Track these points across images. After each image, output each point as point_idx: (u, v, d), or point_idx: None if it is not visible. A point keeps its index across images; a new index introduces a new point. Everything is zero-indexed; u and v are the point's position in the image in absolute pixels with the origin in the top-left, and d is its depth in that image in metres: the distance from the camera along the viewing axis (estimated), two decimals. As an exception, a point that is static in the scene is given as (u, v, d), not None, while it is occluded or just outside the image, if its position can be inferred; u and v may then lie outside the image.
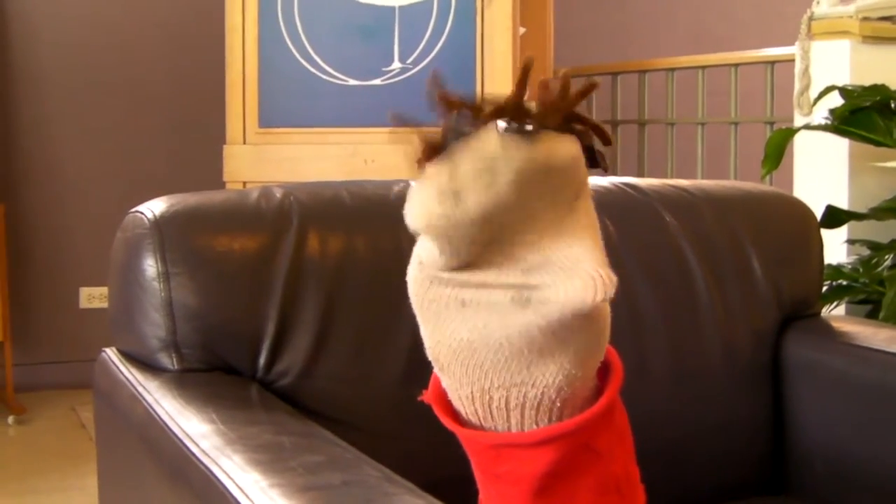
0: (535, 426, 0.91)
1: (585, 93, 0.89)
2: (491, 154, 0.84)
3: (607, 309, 0.92)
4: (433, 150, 0.86)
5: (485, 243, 0.85)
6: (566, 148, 0.87)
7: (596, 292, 0.82)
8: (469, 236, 0.85)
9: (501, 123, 0.85)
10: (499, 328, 0.86)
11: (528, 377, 0.89)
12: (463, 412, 0.94)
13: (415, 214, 0.85)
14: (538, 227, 0.86)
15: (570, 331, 0.86)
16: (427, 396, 0.98)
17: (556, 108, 0.87)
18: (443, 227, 0.84)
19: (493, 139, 0.84)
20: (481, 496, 1.01)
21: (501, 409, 0.91)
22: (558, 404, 0.90)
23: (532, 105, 0.87)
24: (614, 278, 0.83)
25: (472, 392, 0.91)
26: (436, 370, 0.94)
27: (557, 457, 0.92)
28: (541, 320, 0.85)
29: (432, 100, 0.86)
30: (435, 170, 0.85)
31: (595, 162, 0.91)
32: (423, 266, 0.89)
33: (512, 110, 0.86)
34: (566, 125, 0.88)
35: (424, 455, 1.39)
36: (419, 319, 0.92)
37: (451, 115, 0.87)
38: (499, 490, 0.97)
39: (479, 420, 0.93)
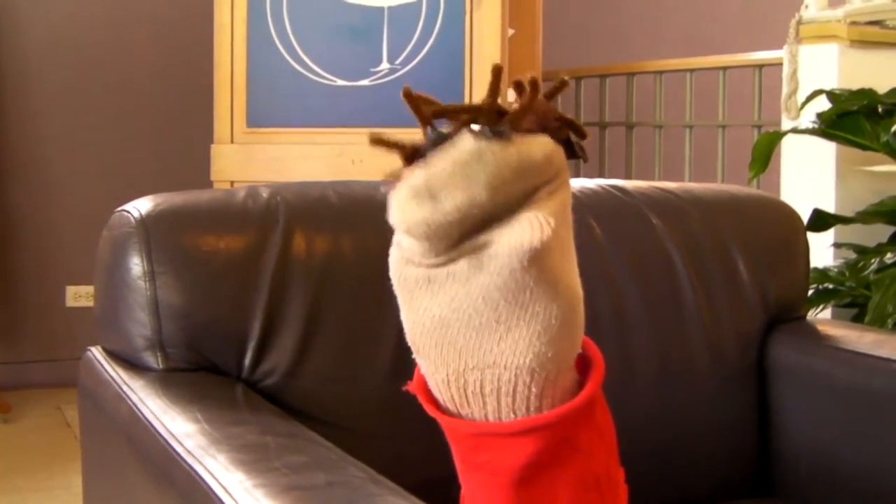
0: (512, 415, 0.92)
1: (555, 92, 0.93)
2: (465, 157, 0.87)
3: (576, 284, 0.93)
4: (413, 156, 0.90)
5: (462, 236, 0.88)
6: (539, 147, 0.90)
7: (533, 233, 0.86)
8: (447, 235, 0.88)
9: (475, 127, 0.88)
10: (465, 298, 0.89)
11: (500, 356, 0.90)
12: (440, 399, 0.95)
13: (395, 217, 0.89)
14: (506, 211, 0.89)
15: (527, 291, 0.88)
16: (412, 386, 0.99)
17: (527, 110, 0.90)
18: (422, 229, 0.87)
19: (467, 143, 0.87)
20: (463, 490, 1.01)
21: (477, 395, 0.92)
22: (534, 391, 0.91)
23: (508, 107, 0.90)
24: (552, 222, 0.87)
25: (447, 375, 0.93)
26: (414, 354, 0.95)
27: (537, 449, 0.93)
28: (496, 278, 0.88)
29: (412, 109, 0.90)
30: (413, 174, 0.88)
31: (573, 153, 0.94)
32: (401, 248, 0.91)
33: (486, 114, 0.89)
34: (540, 124, 0.90)
35: (411, 456, 1.39)
36: (399, 301, 0.94)
37: (428, 123, 0.90)
38: (478, 480, 0.98)
39: (457, 407, 0.94)
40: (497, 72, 0.90)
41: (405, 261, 0.91)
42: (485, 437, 0.94)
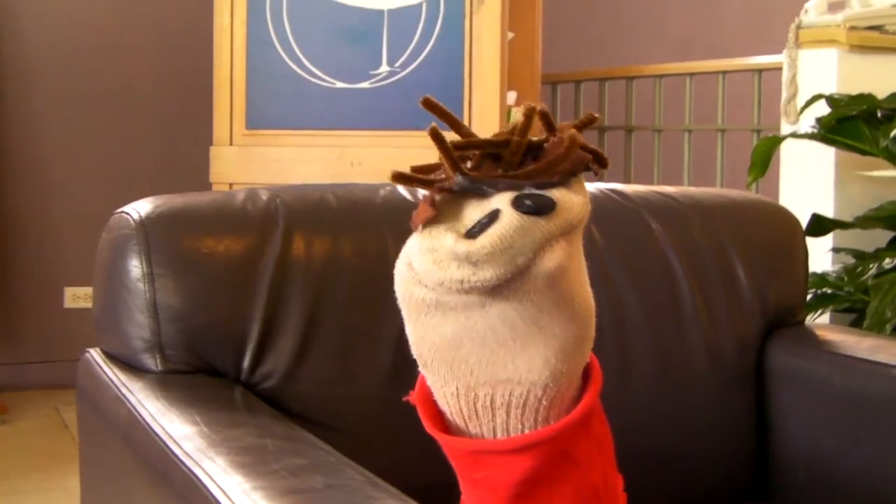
0: (520, 426, 0.91)
1: (585, 124, 0.92)
2: (510, 236, 0.85)
3: (590, 301, 0.93)
4: (445, 199, 0.88)
5: None
6: (579, 204, 0.89)
7: (551, 257, 0.86)
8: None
9: (518, 201, 0.86)
10: (480, 319, 0.88)
11: (514, 373, 0.89)
12: (448, 411, 0.94)
13: (430, 272, 0.87)
14: None
15: (544, 312, 0.87)
16: (413, 397, 0.98)
17: (565, 159, 0.88)
18: (457, 287, 0.86)
19: (511, 221, 0.85)
20: (463, 498, 1.01)
21: (487, 408, 0.91)
22: (545, 403, 0.90)
23: (546, 150, 0.88)
24: (566, 246, 0.87)
25: (456, 389, 0.92)
26: (420, 367, 0.95)
27: (535, 464, 0.92)
28: (514, 302, 0.87)
29: (440, 150, 0.87)
30: (454, 238, 0.86)
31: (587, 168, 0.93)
32: (412, 269, 0.89)
33: (513, 152, 0.88)
34: (571, 163, 0.89)
35: (410, 459, 1.39)
36: (404, 315, 0.92)
37: (457, 168, 0.88)
38: (477, 495, 0.97)
39: (464, 419, 0.93)
40: (529, 114, 0.88)
41: (415, 281, 0.90)
42: (482, 455, 0.94)
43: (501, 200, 0.87)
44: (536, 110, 0.88)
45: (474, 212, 0.87)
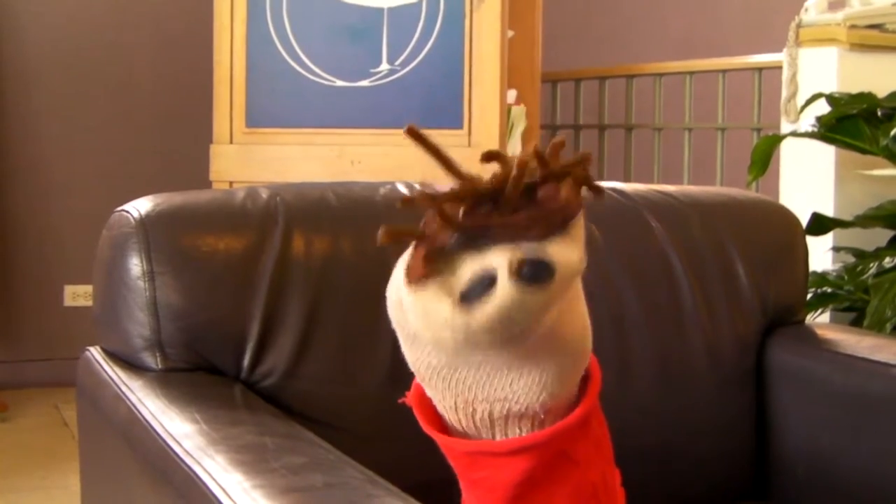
0: (518, 431, 0.92)
1: (580, 164, 0.88)
2: (507, 309, 0.83)
3: (584, 320, 0.92)
4: (438, 254, 0.86)
5: None
6: (577, 254, 0.87)
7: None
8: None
9: (517, 269, 0.84)
10: (475, 351, 0.87)
11: (511, 394, 0.89)
12: (447, 419, 0.94)
13: (422, 334, 0.87)
14: None
15: (538, 350, 0.87)
16: (409, 399, 0.98)
17: (561, 210, 0.86)
18: (450, 345, 0.85)
19: (507, 295, 0.83)
20: (463, 497, 1.01)
21: (485, 420, 0.92)
22: (541, 415, 0.91)
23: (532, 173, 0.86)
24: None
25: (455, 403, 0.92)
26: (418, 380, 0.95)
27: (532, 465, 0.92)
28: (510, 346, 0.86)
29: (438, 213, 0.85)
30: (449, 308, 0.84)
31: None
32: (399, 292, 0.88)
33: (509, 197, 0.85)
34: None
35: (409, 457, 1.39)
36: (398, 336, 0.92)
37: (456, 229, 0.86)
38: (476, 495, 0.97)
39: (464, 428, 0.94)
40: (523, 165, 0.84)
41: (408, 318, 0.88)
42: (479, 456, 0.94)
43: (499, 259, 0.84)
44: (533, 155, 0.86)
45: (469, 266, 0.85)
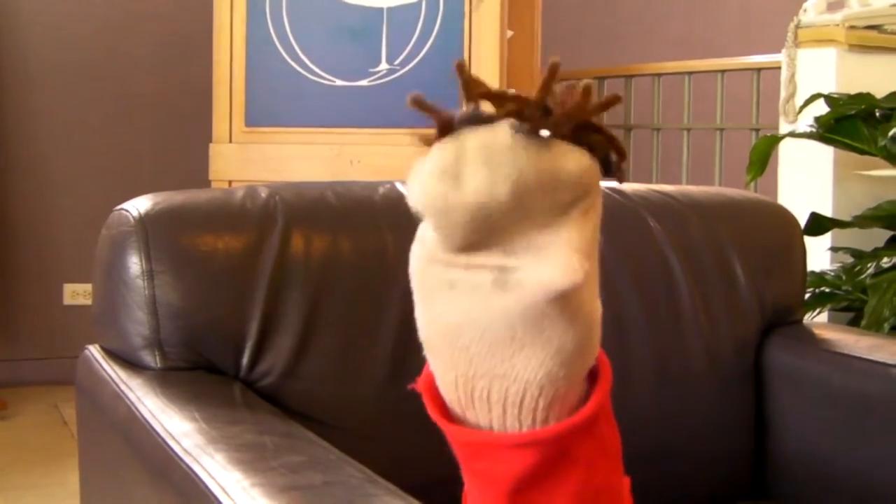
0: (517, 424, 0.92)
1: (606, 105, 0.88)
2: (498, 149, 0.84)
3: (596, 308, 0.92)
4: (445, 131, 0.86)
5: (479, 239, 0.86)
6: (574, 161, 0.86)
7: (565, 277, 0.83)
8: (462, 224, 0.85)
9: (516, 123, 0.85)
10: (482, 312, 0.87)
11: (511, 369, 0.89)
12: (447, 399, 0.95)
13: (414, 190, 0.86)
14: (532, 223, 0.87)
15: (546, 319, 0.87)
16: (419, 385, 0.98)
17: (571, 117, 0.86)
18: (439, 206, 0.84)
19: (503, 135, 0.84)
20: (465, 489, 1.01)
21: (483, 400, 0.92)
22: (541, 404, 0.90)
23: (555, 110, 0.87)
24: (586, 265, 0.84)
25: (456, 378, 0.92)
26: (426, 351, 0.95)
27: (535, 461, 0.92)
28: (517, 305, 0.86)
29: (462, 83, 0.86)
30: (440, 149, 0.85)
31: (609, 171, 0.91)
32: (423, 243, 0.89)
33: (531, 112, 0.86)
34: (581, 135, 0.88)
35: (408, 456, 1.39)
36: (415, 297, 0.92)
37: (471, 104, 0.87)
38: (478, 486, 0.97)
39: (462, 408, 0.93)
40: (553, 69, 0.85)
41: (427, 259, 0.89)
42: (482, 447, 0.94)
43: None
44: (558, 65, 0.86)
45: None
